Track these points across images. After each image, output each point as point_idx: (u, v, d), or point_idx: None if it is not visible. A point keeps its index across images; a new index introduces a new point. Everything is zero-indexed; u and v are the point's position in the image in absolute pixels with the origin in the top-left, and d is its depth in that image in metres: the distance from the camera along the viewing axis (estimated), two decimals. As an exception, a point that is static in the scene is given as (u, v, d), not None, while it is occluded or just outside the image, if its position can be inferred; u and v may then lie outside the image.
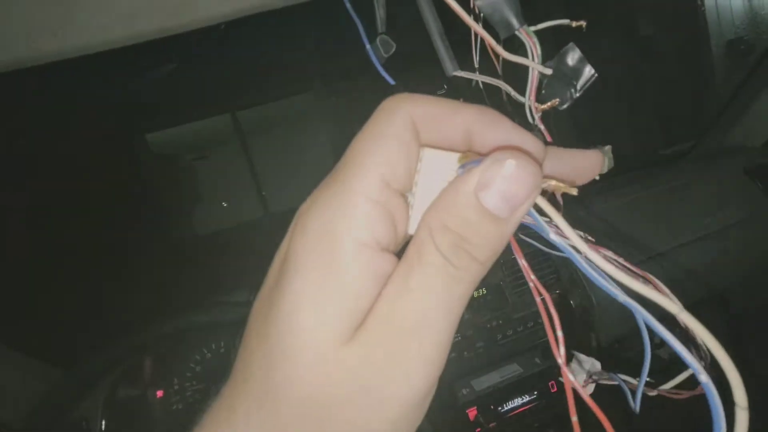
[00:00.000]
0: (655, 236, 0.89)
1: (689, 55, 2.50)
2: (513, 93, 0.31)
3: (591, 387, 0.33)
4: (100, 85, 1.23)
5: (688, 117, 2.14)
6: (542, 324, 0.84)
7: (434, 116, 0.18)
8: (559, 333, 0.18)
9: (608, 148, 0.29)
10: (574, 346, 0.83)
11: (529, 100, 0.29)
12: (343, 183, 0.17)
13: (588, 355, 0.93)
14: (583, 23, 0.30)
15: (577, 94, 0.31)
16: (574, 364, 0.81)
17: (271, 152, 1.83)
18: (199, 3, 0.39)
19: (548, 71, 0.30)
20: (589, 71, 0.29)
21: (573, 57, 0.29)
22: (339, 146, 1.94)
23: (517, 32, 0.28)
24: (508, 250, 0.80)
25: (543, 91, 0.31)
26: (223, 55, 1.35)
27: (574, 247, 0.16)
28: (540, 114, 0.31)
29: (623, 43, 1.79)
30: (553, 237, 0.17)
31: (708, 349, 0.24)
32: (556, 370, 0.82)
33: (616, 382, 0.27)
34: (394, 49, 0.35)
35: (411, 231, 0.18)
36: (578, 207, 0.91)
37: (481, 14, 0.29)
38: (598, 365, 0.74)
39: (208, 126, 1.74)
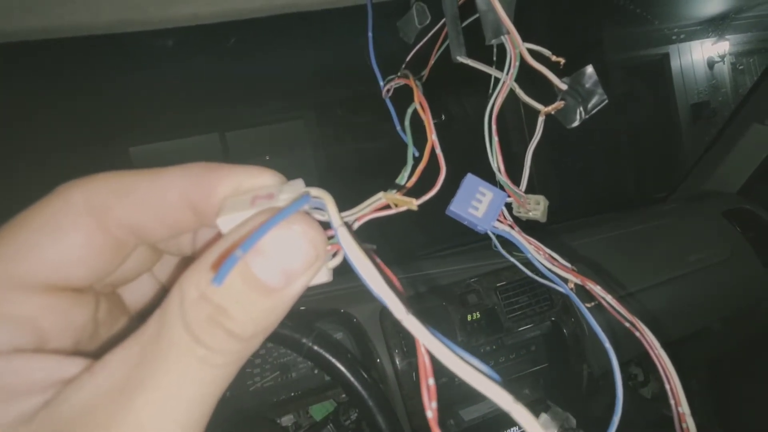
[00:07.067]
0: (636, 273, 0.91)
1: (658, 114, 2.69)
2: (518, 90, 0.31)
3: None
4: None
5: (659, 169, 2.27)
6: (534, 352, 0.83)
7: (128, 191, 0.15)
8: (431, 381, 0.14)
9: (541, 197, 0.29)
10: (564, 377, 0.81)
11: (490, 109, 0.28)
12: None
13: (578, 386, 0.91)
14: (562, 60, 0.30)
15: (586, 116, 0.31)
16: (548, 415, 0.78)
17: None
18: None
19: (563, 86, 0.30)
20: (600, 96, 0.29)
21: (589, 79, 0.29)
22: (326, 172, 1.94)
23: (503, 38, 0.28)
24: (503, 272, 0.79)
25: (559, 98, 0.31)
26: (220, 73, 1.35)
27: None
28: (544, 117, 0.31)
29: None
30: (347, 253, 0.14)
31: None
32: (544, 403, 0.80)
33: None
34: (428, 21, 0.33)
35: None
36: (561, 240, 0.93)
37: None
38: (573, 422, 0.71)
39: (195, 144, 1.72)
